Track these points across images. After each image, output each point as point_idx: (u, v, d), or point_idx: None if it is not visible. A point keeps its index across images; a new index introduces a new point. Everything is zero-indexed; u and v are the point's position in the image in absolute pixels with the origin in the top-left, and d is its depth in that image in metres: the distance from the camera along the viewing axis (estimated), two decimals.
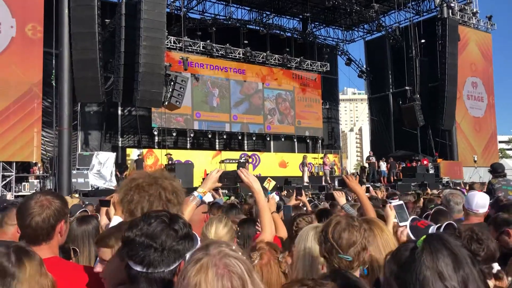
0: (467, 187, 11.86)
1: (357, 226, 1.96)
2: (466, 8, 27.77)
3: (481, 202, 3.93)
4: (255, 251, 2.34)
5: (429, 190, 12.85)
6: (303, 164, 23.26)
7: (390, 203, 2.90)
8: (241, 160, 22.19)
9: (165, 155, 21.17)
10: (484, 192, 7.66)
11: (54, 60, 16.35)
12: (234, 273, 1.11)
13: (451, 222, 2.56)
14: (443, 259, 1.16)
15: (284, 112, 29.18)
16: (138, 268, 1.46)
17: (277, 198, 4.71)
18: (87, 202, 8.09)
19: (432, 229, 2.25)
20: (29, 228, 1.97)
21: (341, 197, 3.78)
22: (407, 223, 2.34)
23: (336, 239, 1.93)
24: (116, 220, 3.00)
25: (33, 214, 1.97)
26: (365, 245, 1.94)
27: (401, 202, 2.71)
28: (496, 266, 2.47)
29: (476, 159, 26.40)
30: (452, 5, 25.99)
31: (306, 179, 22.00)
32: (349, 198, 7.48)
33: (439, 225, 2.41)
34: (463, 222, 3.97)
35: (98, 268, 1.88)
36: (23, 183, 16.48)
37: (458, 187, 12.62)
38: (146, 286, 1.46)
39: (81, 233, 3.06)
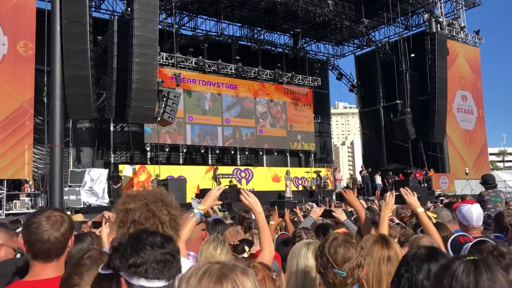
0: (460, 200, 11.84)
1: (354, 243, 1.98)
2: (454, 23, 28.27)
3: (478, 216, 3.92)
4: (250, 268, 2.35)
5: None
6: (285, 179, 23.27)
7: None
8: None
9: (153, 179, 20.98)
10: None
11: (45, 77, 16.32)
12: None
13: (484, 239, 2.71)
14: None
15: (276, 116, 29.32)
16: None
17: None
18: (87, 219, 7.91)
19: (467, 246, 2.49)
20: (47, 243, 1.92)
21: (341, 214, 3.73)
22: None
23: (332, 254, 1.95)
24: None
25: (51, 229, 1.93)
26: (361, 262, 1.95)
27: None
28: None
29: (467, 171, 26.57)
30: (441, 20, 26.45)
31: (288, 193, 22.03)
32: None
33: (473, 242, 2.57)
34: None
35: None
36: (14, 201, 16.30)
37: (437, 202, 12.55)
38: None
39: (76, 253, 3.02)
